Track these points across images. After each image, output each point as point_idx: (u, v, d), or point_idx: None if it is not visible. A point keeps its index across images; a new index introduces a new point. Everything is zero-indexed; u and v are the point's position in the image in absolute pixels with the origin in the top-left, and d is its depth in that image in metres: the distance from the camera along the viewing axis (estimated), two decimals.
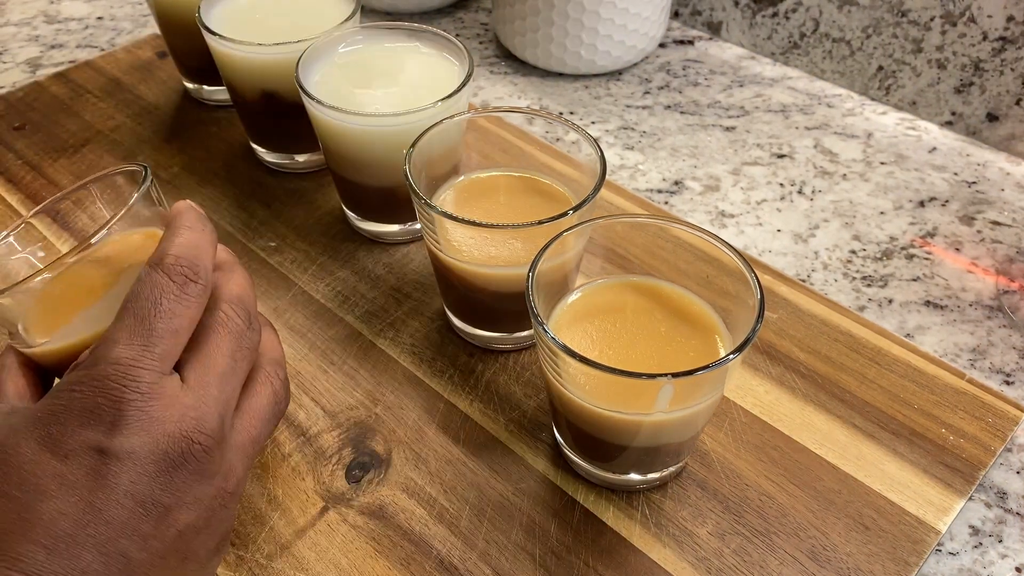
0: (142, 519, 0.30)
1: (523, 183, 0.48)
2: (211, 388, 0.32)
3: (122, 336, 0.31)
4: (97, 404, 0.30)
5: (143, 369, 0.31)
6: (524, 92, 0.70)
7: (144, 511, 0.30)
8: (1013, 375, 0.48)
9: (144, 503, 0.30)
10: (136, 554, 0.30)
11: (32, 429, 0.30)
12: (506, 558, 0.39)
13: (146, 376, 0.31)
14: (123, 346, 0.31)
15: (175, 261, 0.33)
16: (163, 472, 0.30)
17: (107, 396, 0.30)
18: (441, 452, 0.43)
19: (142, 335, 0.31)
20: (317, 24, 0.54)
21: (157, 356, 0.31)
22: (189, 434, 0.31)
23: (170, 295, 0.32)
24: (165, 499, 0.30)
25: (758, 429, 0.44)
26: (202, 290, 0.33)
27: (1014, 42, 0.60)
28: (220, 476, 0.32)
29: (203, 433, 0.31)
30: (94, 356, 0.31)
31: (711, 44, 0.75)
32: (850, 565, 0.39)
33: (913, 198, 0.59)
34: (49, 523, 0.28)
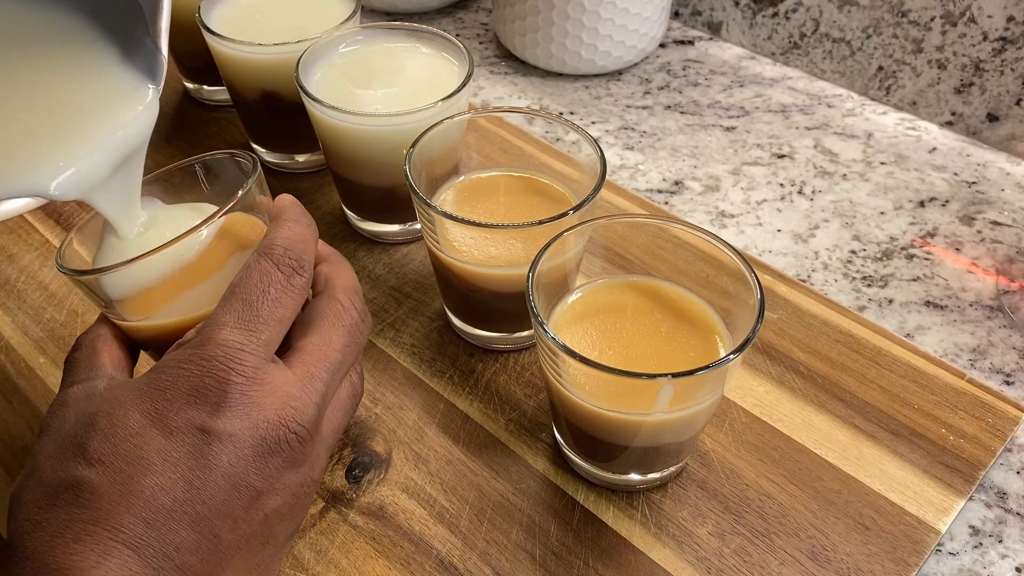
0: (235, 501, 0.31)
1: (523, 183, 0.48)
2: (317, 381, 0.33)
3: (230, 319, 0.32)
4: (204, 384, 0.31)
5: (249, 353, 0.31)
6: (524, 92, 0.70)
7: (238, 493, 0.31)
8: (1013, 375, 0.48)
9: (239, 485, 0.31)
10: (226, 535, 0.31)
11: (139, 402, 0.31)
12: (506, 558, 0.39)
13: (251, 361, 0.31)
14: (231, 329, 0.32)
15: (283, 252, 0.34)
16: (259, 457, 0.31)
17: (214, 377, 0.31)
18: (441, 452, 0.43)
19: (249, 320, 0.32)
20: (317, 24, 0.54)
21: (263, 342, 0.32)
22: (287, 423, 0.32)
23: (277, 284, 0.33)
24: (258, 483, 0.31)
25: (758, 429, 0.44)
26: (306, 283, 0.34)
27: (1014, 42, 0.60)
28: (308, 465, 0.33)
29: (300, 424, 0.32)
30: (201, 336, 0.32)
31: (711, 44, 0.75)
32: (850, 565, 0.39)
33: (913, 198, 0.59)
34: (150, 497, 0.29)
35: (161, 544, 0.29)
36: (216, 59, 0.56)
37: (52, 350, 0.48)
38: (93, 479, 0.29)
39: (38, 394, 0.46)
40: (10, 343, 0.49)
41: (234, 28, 0.54)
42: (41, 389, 0.46)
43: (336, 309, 0.35)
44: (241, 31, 0.53)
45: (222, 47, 0.54)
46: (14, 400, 0.46)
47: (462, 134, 0.48)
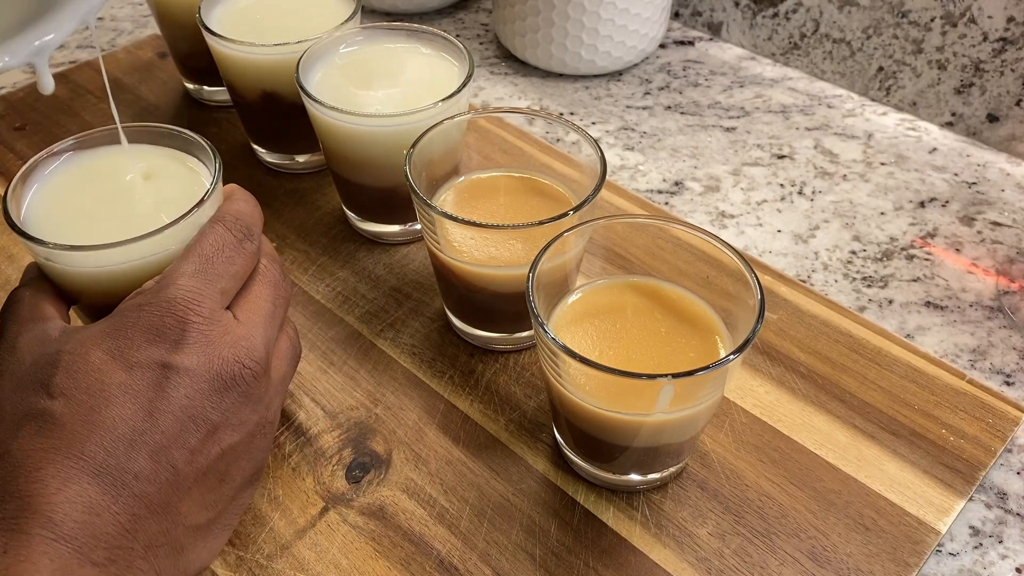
0: (192, 433, 0.33)
1: (523, 183, 0.48)
2: (258, 326, 0.36)
3: (188, 269, 0.35)
4: (164, 323, 0.33)
5: (207, 298, 0.35)
6: (524, 93, 0.70)
7: (195, 425, 0.33)
8: (1013, 376, 0.48)
9: (195, 418, 0.33)
10: (183, 466, 0.33)
11: (101, 341, 0.33)
12: (506, 558, 0.39)
13: (208, 304, 0.35)
14: (188, 277, 0.35)
15: (234, 220, 0.38)
16: (215, 391, 0.34)
17: (173, 317, 0.34)
18: (441, 452, 0.43)
19: (206, 271, 0.35)
20: (317, 25, 0.54)
21: (219, 291, 0.35)
22: (241, 359, 0.35)
23: (231, 245, 0.37)
24: (214, 417, 0.34)
25: (758, 430, 0.44)
26: (255, 249, 0.38)
27: (1014, 43, 0.60)
28: (263, 405, 0.36)
29: (253, 360, 0.35)
30: (161, 283, 0.35)
31: (711, 45, 0.75)
32: (850, 565, 0.39)
33: (913, 199, 0.59)
34: (111, 427, 0.31)
35: (120, 472, 0.31)
36: (216, 60, 0.56)
37: None
38: (56, 410, 0.31)
39: None
40: None
41: (234, 28, 0.54)
42: None
43: (260, 270, 0.39)
44: (241, 31, 0.53)
45: (222, 47, 0.54)
46: None
47: (462, 135, 0.48)
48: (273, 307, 0.38)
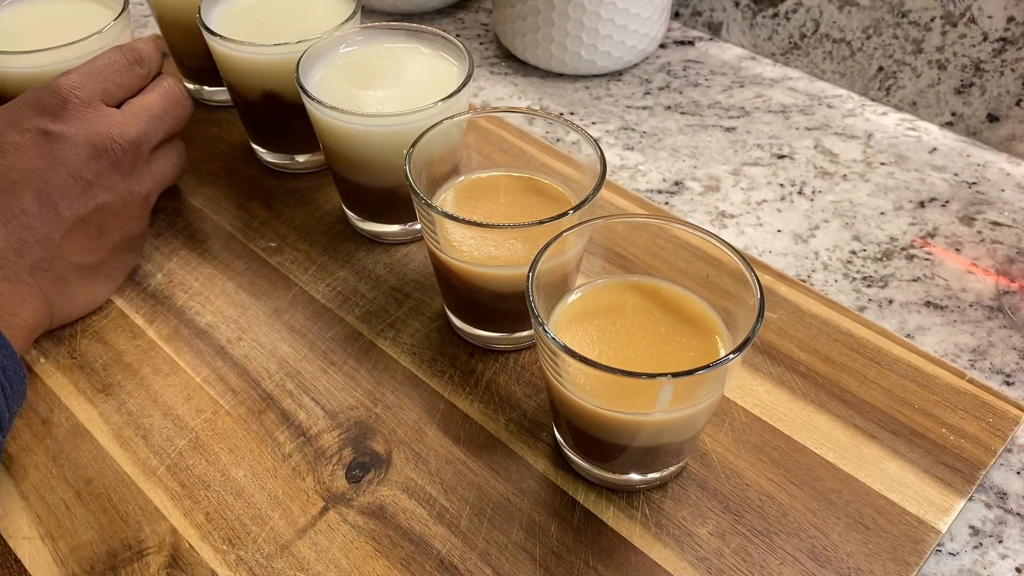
0: (71, 185, 0.44)
1: (523, 183, 0.48)
2: (138, 119, 0.47)
3: (77, 70, 0.46)
4: (50, 102, 0.44)
5: (85, 88, 0.45)
6: (524, 92, 0.70)
7: (73, 181, 0.44)
8: (1013, 375, 0.48)
9: (74, 174, 0.44)
10: (64, 211, 0.43)
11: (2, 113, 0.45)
12: (506, 558, 0.39)
13: (87, 92, 0.45)
14: (76, 74, 0.46)
15: (130, 48, 0.49)
16: (91, 157, 0.44)
17: (57, 96, 0.45)
18: (441, 452, 0.43)
19: (92, 73, 0.46)
20: (317, 24, 0.54)
21: (99, 88, 0.46)
22: (113, 135, 0.45)
23: (120, 63, 0.48)
24: (89, 176, 0.44)
25: (758, 429, 0.44)
26: (145, 75, 0.49)
27: (1014, 43, 0.60)
28: (133, 178, 0.47)
29: (124, 139, 0.46)
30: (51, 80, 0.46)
31: (711, 45, 0.75)
32: (850, 565, 0.39)
33: (913, 199, 0.59)
34: (4, 172, 0.43)
35: (10, 206, 0.42)
36: (216, 60, 0.56)
37: (52, 351, 0.48)
38: None
39: (39, 395, 0.46)
40: None
41: (234, 29, 0.54)
42: (42, 390, 0.46)
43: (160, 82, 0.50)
44: (241, 32, 0.53)
45: (222, 48, 0.54)
46: None
47: (462, 134, 0.48)
48: (160, 111, 0.48)
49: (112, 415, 0.45)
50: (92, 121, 0.44)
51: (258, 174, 0.60)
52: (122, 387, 0.46)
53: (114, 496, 0.42)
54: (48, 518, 0.41)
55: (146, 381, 0.46)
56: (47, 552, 0.40)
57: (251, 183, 0.59)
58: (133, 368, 0.47)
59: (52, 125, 0.43)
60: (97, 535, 0.40)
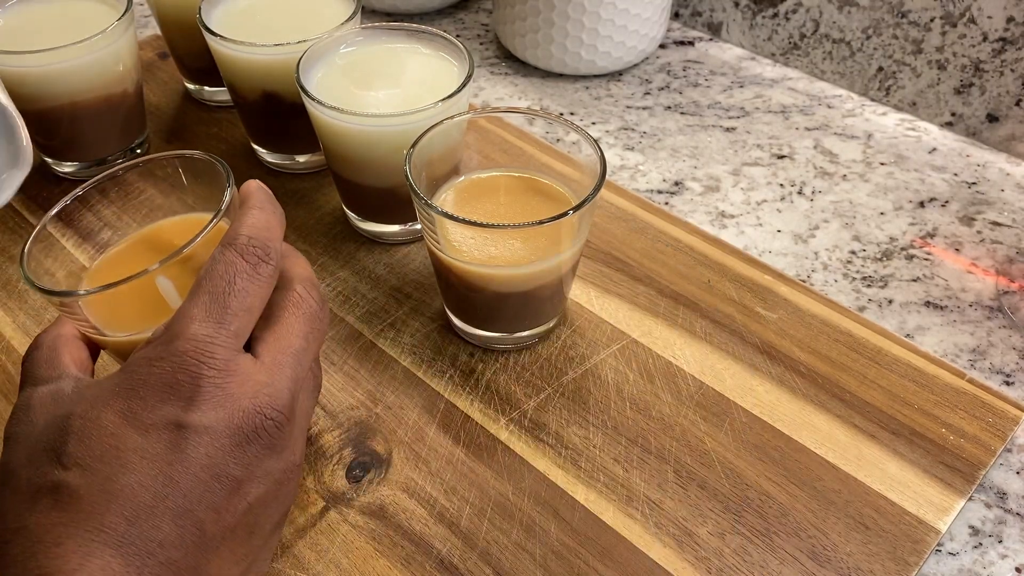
0: (216, 491, 0.31)
1: (523, 183, 0.48)
2: (285, 367, 0.33)
3: (198, 313, 0.32)
4: (176, 380, 0.31)
5: (219, 346, 0.32)
6: (525, 93, 0.70)
7: (218, 484, 0.31)
8: (1013, 375, 0.48)
9: (218, 476, 0.31)
10: (210, 527, 0.31)
11: (112, 402, 0.31)
12: (506, 558, 0.39)
13: (221, 353, 0.31)
14: (199, 323, 0.32)
15: (247, 241, 0.34)
16: (237, 446, 0.31)
17: (185, 372, 0.31)
18: (441, 452, 0.43)
19: (217, 313, 0.32)
20: (317, 25, 0.54)
21: (232, 333, 0.32)
22: (263, 410, 0.32)
23: (243, 274, 0.33)
24: (237, 472, 0.31)
25: (758, 429, 0.44)
26: (273, 271, 0.34)
27: (1014, 43, 0.60)
28: (288, 451, 0.33)
29: (276, 409, 0.32)
30: (170, 332, 0.32)
31: (711, 45, 0.75)
32: (850, 565, 0.39)
33: (913, 199, 0.59)
34: (130, 495, 0.29)
35: (144, 541, 0.29)
36: (216, 60, 0.56)
37: None
38: (71, 481, 0.29)
39: None
40: (11, 343, 0.49)
41: (234, 29, 0.54)
42: None
43: (294, 299, 0.35)
44: (241, 32, 0.53)
45: (222, 48, 0.54)
46: (15, 400, 0.46)
47: (462, 134, 0.48)
48: (305, 343, 0.35)
49: None
50: (234, 397, 0.32)
51: (258, 174, 0.60)
52: None
53: None
54: None
55: None
56: None
57: None
58: None
59: (185, 415, 0.31)
60: None
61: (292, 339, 0.34)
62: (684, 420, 0.44)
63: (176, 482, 0.30)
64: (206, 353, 0.31)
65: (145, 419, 0.30)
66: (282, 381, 0.33)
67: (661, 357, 0.47)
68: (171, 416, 0.30)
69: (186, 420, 0.30)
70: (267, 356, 0.33)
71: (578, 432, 0.44)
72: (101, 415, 0.30)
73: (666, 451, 0.43)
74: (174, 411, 0.31)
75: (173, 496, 0.30)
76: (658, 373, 0.46)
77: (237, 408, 0.31)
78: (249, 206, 0.36)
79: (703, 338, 0.48)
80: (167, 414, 0.30)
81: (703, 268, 0.52)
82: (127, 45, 0.56)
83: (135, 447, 0.30)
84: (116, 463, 0.30)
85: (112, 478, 0.29)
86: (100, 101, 0.56)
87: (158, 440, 0.30)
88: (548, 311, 0.47)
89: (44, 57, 0.51)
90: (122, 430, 0.30)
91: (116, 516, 0.29)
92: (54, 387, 0.33)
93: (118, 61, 0.55)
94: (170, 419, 0.30)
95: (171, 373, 0.31)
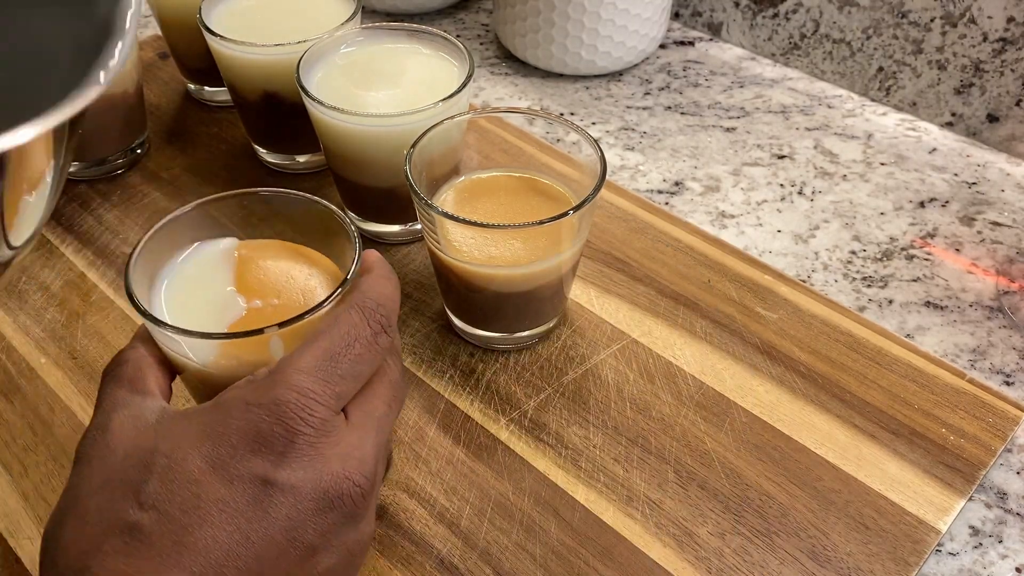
0: (288, 557, 0.29)
1: (523, 183, 0.48)
2: (370, 432, 0.32)
3: (308, 366, 0.30)
4: (272, 431, 0.29)
5: (322, 405, 0.30)
6: (525, 93, 0.70)
7: (292, 549, 0.29)
8: (1013, 375, 0.48)
9: (294, 541, 0.29)
10: None
11: (200, 444, 0.29)
12: (506, 558, 0.39)
13: (322, 412, 0.30)
14: (306, 376, 0.30)
15: (375, 307, 0.33)
16: (319, 511, 0.30)
17: (283, 424, 0.29)
18: (441, 452, 0.43)
19: (327, 371, 0.31)
20: (318, 25, 0.54)
21: (335, 395, 0.31)
22: (351, 475, 0.30)
23: (364, 340, 0.32)
24: (314, 539, 0.30)
25: (758, 429, 0.44)
26: (389, 344, 0.33)
27: (1014, 43, 0.60)
28: (364, 521, 0.32)
29: (363, 475, 0.31)
30: (275, 378, 0.30)
31: (711, 45, 0.75)
32: (850, 565, 0.39)
33: (913, 199, 0.59)
34: (203, 550, 0.28)
35: None
36: (217, 60, 0.56)
37: (53, 350, 0.48)
38: (146, 525, 0.28)
39: (39, 394, 0.46)
40: (11, 343, 0.49)
41: (235, 29, 0.54)
42: (42, 389, 0.46)
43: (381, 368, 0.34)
44: (242, 32, 0.53)
45: (223, 48, 0.54)
46: (15, 400, 0.46)
47: (462, 134, 0.48)
48: (388, 409, 0.33)
49: None
50: (325, 458, 0.30)
51: (258, 174, 0.60)
52: None
53: None
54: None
55: None
56: None
57: (251, 183, 0.59)
58: None
59: (275, 471, 0.29)
60: None
61: (377, 404, 0.33)
62: (684, 420, 0.44)
63: (251, 542, 0.28)
64: (307, 408, 0.30)
65: (231, 469, 0.29)
66: (368, 446, 0.32)
67: (661, 357, 0.47)
68: (259, 470, 0.29)
69: (274, 476, 0.29)
70: (355, 418, 0.32)
71: (578, 432, 0.44)
72: (187, 457, 0.29)
73: (666, 451, 0.43)
74: (263, 465, 0.29)
75: (244, 556, 0.28)
76: (658, 373, 0.46)
77: (326, 471, 0.30)
78: (376, 273, 0.35)
79: (703, 338, 0.48)
80: (255, 467, 0.29)
81: (703, 268, 0.52)
82: None
83: (217, 498, 0.28)
84: (195, 513, 0.28)
85: (188, 529, 0.28)
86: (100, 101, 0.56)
87: (242, 494, 0.29)
88: (548, 311, 0.47)
89: None
90: (206, 478, 0.29)
91: (186, 571, 0.27)
92: (136, 412, 0.31)
93: None
94: (257, 473, 0.29)
95: (268, 423, 0.29)
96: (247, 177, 0.60)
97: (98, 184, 0.59)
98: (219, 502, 0.28)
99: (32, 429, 0.45)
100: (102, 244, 0.55)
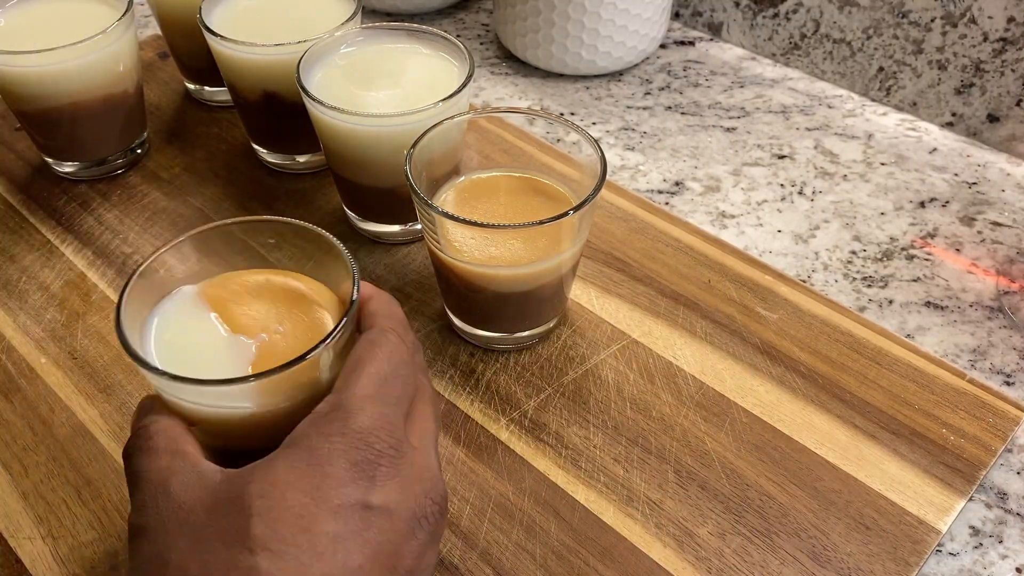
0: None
1: (523, 183, 0.48)
2: (432, 450, 0.33)
3: (369, 392, 0.31)
4: (362, 457, 0.29)
5: (395, 426, 0.30)
6: (525, 93, 0.70)
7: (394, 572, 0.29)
8: (1013, 376, 0.48)
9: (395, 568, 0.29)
10: None
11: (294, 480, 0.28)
12: (506, 558, 0.39)
13: (397, 433, 0.30)
14: (373, 402, 0.30)
15: (404, 329, 0.34)
16: (411, 532, 0.30)
17: (367, 450, 0.29)
18: (442, 452, 0.43)
19: (386, 395, 0.31)
20: (318, 25, 0.54)
21: (401, 416, 0.31)
22: (430, 494, 0.31)
23: (406, 361, 0.33)
24: (410, 562, 0.30)
25: (758, 429, 0.44)
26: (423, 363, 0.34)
27: (1015, 43, 0.60)
28: (439, 540, 0.32)
29: (440, 494, 0.31)
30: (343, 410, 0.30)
31: (712, 45, 0.75)
32: (850, 565, 0.39)
33: (913, 199, 0.59)
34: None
35: None
36: (217, 60, 0.56)
37: (53, 350, 0.48)
38: (263, 567, 0.27)
39: (39, 394, 0.46)
40: (11, 343, 0.49)
41: (235, 29, 0.54)
42: (42, 389, 0.46)
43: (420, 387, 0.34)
44: (242, 32, 0.53)
45: (223, 48, 0.54)
46: (15, 400, 0.46)
47: (463, 135, 0.48)
48: (436, 427, 0.34)
49: (112, 415, 0.45)
50: (408, 480, 0.30)
51: (258, 174, 0.60)
52: (122, 387, 0.46)
53: (115, 496, 0.42)
54: (49, 518, 0.41)
55: (147, 381, 0.46)
56: (48, 552, 0.40)
57: (251, 183, 0.59)
58: (134, 368, 0.47)
59: (373, 495, 0.29)
60: (98, 535, 0.40)
61: (429, 423, 0.33)
62: (684, 420, 0.44)
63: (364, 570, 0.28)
64: (385, 431, 0.30)
65: (333, 499, 0.28)
66: (435, 465, 0.32)
67: (661, 357, 0.47)
68: (358, 496, 0.29)
69: (372, 500, 0.29)
70: (416, 440, 0.32)
71: (578, 432, 0.44)
72: (286, 494, 0.28)
73: (666, 451, 0.43)
74: (359, 491, 0.29)
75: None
76: (658, 373, 0.46)
77: (411, 491, 0.30)
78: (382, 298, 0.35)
79: (703, 338, 0.48)
80: (354, 494, 0.29)
81: (703, 268, 0.52)
82: (127, 45, 0.56)
83: (329, 531, 0.28)
84: (310, 549, 0.27)
85: (306, 564, 0.27)
86: (100, 101, 0.56)
87: (348, 523, 0.28)
88: (548, 311, 0.47)
89: (44, 57, 0.51)
90: (312, 511, 0.28)
91: None
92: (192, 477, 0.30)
93: (118, 61, 0.55)
94: (357, 500, 0.29)
95: (355, 451, 0.29)
96: (247, 177, 0.60)
97: (98, 184, 0.59)
98: (331, 535, 0.28)
99: (32, 429, 0.44)
100: (102, 244, 0.55)
